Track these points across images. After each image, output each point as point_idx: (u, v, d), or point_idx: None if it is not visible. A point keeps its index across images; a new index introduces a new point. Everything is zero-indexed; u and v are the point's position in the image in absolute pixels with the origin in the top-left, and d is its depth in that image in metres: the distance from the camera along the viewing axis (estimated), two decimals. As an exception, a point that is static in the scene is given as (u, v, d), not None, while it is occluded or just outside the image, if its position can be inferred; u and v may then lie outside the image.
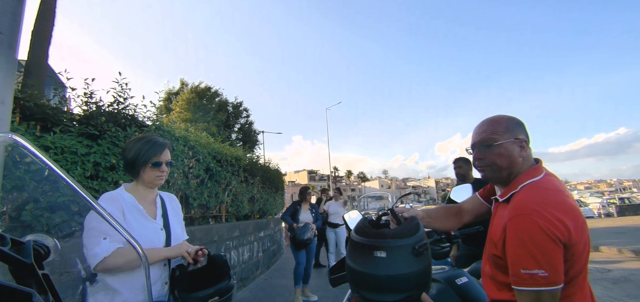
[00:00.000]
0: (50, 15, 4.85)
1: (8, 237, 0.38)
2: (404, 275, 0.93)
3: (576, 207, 0.88)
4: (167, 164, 1.32)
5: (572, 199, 0.91)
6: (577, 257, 0.85)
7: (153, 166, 1.26)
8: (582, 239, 0.86)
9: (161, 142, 1.31)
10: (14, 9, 1.42)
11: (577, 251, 0.85)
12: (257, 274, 5.96)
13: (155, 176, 1.28)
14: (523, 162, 0.99)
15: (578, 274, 0.88)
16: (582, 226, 0.86)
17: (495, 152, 1.00)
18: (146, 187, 1.30)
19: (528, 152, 1.00)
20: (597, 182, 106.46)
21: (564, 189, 0.94)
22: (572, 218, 0.84)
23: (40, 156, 0.46)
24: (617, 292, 4.12)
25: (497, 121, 1.03)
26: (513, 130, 1.00)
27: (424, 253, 0.96)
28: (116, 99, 3.16)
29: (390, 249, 0.95)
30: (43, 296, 0.37)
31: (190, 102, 16.42)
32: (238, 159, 5.65)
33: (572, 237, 0.82)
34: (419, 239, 0.97)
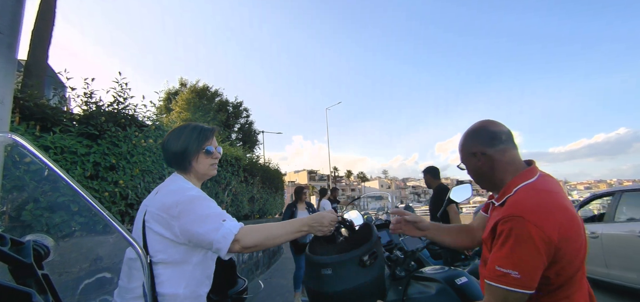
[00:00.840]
0: (50, 15, 4.85)
1: (8, 237, 0.38)
2: (351, 289, 0.92)
3: (570, 208, 0.88)
4: (217, 150, 1.18)
5: (567, 199, 0.91)
6: (572, 257, 0.85)
7: (206, 153, 1.13)
8: (578, 240, 0.86)
9: (209, 127, 1.18)
10: (13, 8, 1.42)
11: (571, 250, 0.84)
12: (257, 274, 5.96)
13: (210, 165, 1.15)
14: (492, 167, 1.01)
15: (576, 272, 0.88)
16: (577, 226, 0.86)
17: (468, 172, 1.08)
18: (199, 180, 1.17)
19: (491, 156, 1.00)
20: (597, 183, 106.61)
21: (559, 189, 0.93)
22: (566, 219, 0.84)
23: (39, 156, 0.46)
24: (618, 291, 4.12)
25: (458, 146, 1.11)
26: (466, 148, 1.06)
27: (373, 263, 0.94)
28: (116, 99, 3.16)
29: (334, 266, 0.94)
30: (43, 296, 0.37)
31: (190, 102, 16.41)
32: (238, 159, 5.66)
33: (564, 237, 0.83)
34: (367, 250, 0.96)
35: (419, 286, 1.34)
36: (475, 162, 1.03)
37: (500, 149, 1.00)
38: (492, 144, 1.00)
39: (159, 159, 3.39)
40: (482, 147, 1.01)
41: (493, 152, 1.00)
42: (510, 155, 1.00)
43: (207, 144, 1.14)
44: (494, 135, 1.01)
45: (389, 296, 1.35)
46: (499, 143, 1.00)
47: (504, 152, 1.00)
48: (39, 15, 4.76)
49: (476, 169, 1.04)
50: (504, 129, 1.03)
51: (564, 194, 0.92)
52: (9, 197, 2.06)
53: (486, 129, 1.03)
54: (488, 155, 1.00)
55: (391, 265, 1.46)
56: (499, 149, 1.00)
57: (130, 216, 2.99)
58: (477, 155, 1.02)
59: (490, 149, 1.00)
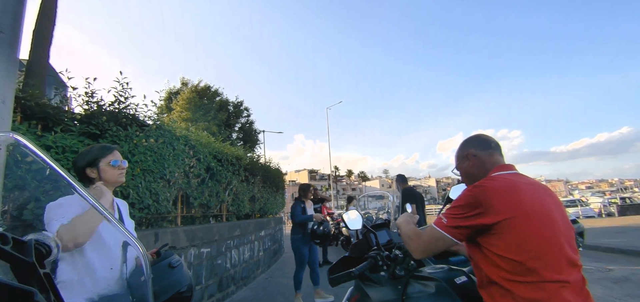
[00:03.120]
0: (51, 15, 4.85)
1: (10, 236, 0.38)
2: None
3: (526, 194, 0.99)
4: (123, 164, 1.45)
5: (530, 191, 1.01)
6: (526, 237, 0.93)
7: (113, 166, 1.40)
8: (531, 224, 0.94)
9: (110, 145, 1.48)
10: (15, 8, 1.42)
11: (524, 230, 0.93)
12: (257, 273, 5.97)
13: (116, 175, 1.40)
14: (479, 168, 1.17)
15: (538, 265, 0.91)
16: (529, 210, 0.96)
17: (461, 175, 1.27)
18: (108, 188, 1.39)
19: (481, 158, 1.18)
20: (599, 182, 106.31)
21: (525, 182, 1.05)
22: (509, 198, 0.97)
23: (41, 155, 0.46)
24: (618, 291, 4.12)
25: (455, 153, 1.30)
26: (461, 152, 1.25)
27: None
28: (117, 99, 3.16)
29: None
30: (44, 295, 0.37)
31: (190, 101, 16.42)
32: (239, 158, 5.66)
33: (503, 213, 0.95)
34: None
35: (419, 285, 1.34)
36: (467, 163, 1.21)
37: (488, 153, 1.18)
38: (483, 148, 1.19)
39: (160, 159, 3.40)
40: (474, 150, 1.20)
41: (482, 155, 1.18)
42: (496, 159, 1.17)
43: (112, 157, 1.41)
44: (485, 141, 1.21)
45: (388, 295, 1.35)
46: (488, 148, 1.19)
47: (491, 155, 1.17)
48: (40, 15, 4.77)
49: (467, 169, 1.22)
50: (494, 140, 1.22)
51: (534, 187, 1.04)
52: (10, 196, 2.07)
53: (479, 136, 1.24)
54: (478, 156, 1.18)
55: (390, 264, 1.46)
56: (487, 152, 1.18)
57: (131, 215, 3.00)
58: (469, 156, 1.20)
59: (480, 152, 1.19)
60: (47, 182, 2.17)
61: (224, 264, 4.53)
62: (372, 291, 1.46)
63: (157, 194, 3.37)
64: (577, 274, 0.96)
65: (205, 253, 3.99)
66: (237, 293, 4.84)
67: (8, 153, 1.76)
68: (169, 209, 3.69)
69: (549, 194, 1.06)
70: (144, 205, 3.19)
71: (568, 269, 0.93)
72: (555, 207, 1.02)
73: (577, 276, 0.95)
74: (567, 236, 0.99)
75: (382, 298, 1.36)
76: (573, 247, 0.99)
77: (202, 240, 3.92)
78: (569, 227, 1.02)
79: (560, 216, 1.01)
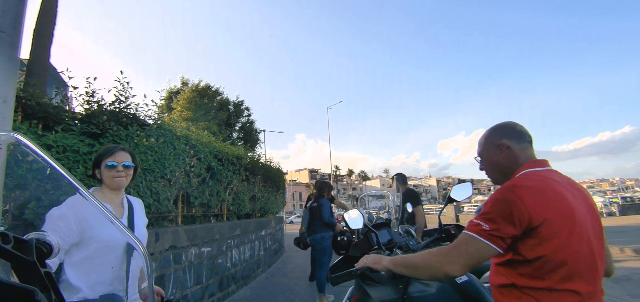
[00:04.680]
0: (51, 14, 4.86)
1: (11, 235, 0.38)
2: None
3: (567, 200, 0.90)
4: (123, 164, 1.38)
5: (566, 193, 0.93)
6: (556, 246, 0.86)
7: (108, 168, 1.35)
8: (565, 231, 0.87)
9: (113, 146, 1.44)
10: (15, 8, 1.42)
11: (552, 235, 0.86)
12: (258, 273, 5.98)
13: (111, 177, 1.35)
14: (511, 161, 1.07)
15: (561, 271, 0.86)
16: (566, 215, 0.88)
17: (484, 164, 1.15)
18: (111, 191, 1.38)
19: (514, 152, 1.06)
20: (600, 181, 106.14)
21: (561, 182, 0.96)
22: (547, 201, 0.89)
23: (42, 154, 0.46)
24: (619, 291, 4.11)
25: (481, 138, 1.17)
26: (491, 139, 1.12)
27: None
28: (118, 98, 3.16)
29: None
30: (45, 294, 0.37)
31: (191, 101, 16.44)
32: (239, 157, 5.66)
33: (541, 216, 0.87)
34: None
35: (420, 284, 1.34)
36: (498, 154, 1.09)
37: (523, 147, 1.06)
38: (518, 140, 1.07)
39: (161, 158, 3.40)
40: (509, 141, 1.07)
41: (517, 149, 1.06)
42: (529, 154, 1.07)
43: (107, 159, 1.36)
44: (521, 134, 1.08)
45: (389, 294, 1.35)
46: (524, 141, 1.07)
47: (525, 150, 1.06)
48: (41, 14, 4.78)
49: (496, 161, 1.09)
50: (528, 132, 1.10)
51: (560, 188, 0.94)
52: (11, 195, 2.08)
53: (514, 126, 1.10)
54: (512, 149, 1.06)
55: None
56: (522, 146, 1.06)
57: (132, 214, 3.00)
58: (502, 147, 1.08)
59: (516, 145, 1.06)
60: (47, 182, 2.18)
61: (225, 263, 4.53)
62: (373, 290, 1.46)
63: (157, 193, 3.38)
64: (600, 283, 0.92)
65: (206, 252, 4.00)
66: (238, 292, 4.85)
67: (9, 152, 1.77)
68: (170, 208, 3.69)
69: (584, 197, 0.99)
70: (145, 204, 3.19)
71: (593, 279, 0.89)
72: (590, 214, 0.95)
73: (599, 287, 0.91)
74: (596, 244, 0.92)
75: (383, 298, 1.36)
76: (601, 255, 0.93)
77: (202, 239, 3.93)
78: (599, 234, 0.96)
79: (592, 222, 0.94)
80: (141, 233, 1.47)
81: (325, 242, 4.04)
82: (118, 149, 1.41)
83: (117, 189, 1.39)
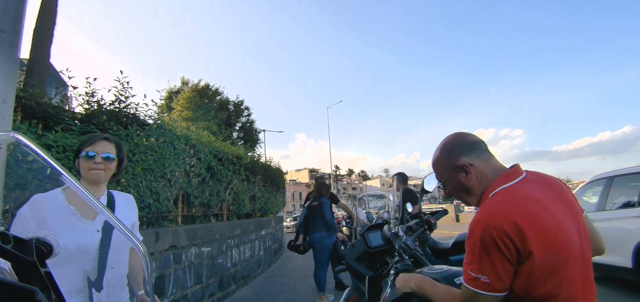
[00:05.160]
0: (51, 14, 4.86)
1: (11, 235, 0.38)
2: None
3: (544, 218, 0.82)
4: (103, 156, 1.22)
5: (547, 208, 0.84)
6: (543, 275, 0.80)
7: (85, 157, 1.20)
8: (553, 256, 0.80)
9: (96, 134, 1.28)
10: (15, 7, 1.42)
11: (540, 265, 0.79)
12: (258, 272, 5.98)
13: (87, 169, 1.20)
14: (481, 180, 0.94)
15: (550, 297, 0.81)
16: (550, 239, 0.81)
17: (450, 190, 1.01)
18: (89, 185, 1.23)
19: (479, 168, 0.94)
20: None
21: (539, 196, 0.86)
22: (531, 227, 0.80)
23: (42, 154, 0.46)
24: (620, 291, 4.12)
25: (434, 163, 1.04)
26: (448, 162, 0.98)
27: None
28: (117, 98, 3.17)
29: None
30: (45, 294, 0.37)
31: (191, 100, 16.45)
32: (239, 157, 5.66)
33: (528, 246, 0.79)
34: None
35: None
36: (464, 176, 0.95)
37: (485, 158, 0.95)
38: (477, 153, 0.95)
39: (161, 158, 3.40)
40: (468, 158, 0.95)
41: (479, 162, 0.94)
42: (494, 164, 0.95)
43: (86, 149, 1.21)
44: (476, 145, 0.96)
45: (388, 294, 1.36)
46: (482, 152, 0.96)
47: (488, 160, 0.95)
48: (41, 14, 4.78)
49: (464, 184, 0.96)
50: (480, 139, 0.98)
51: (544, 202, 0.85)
52: (11, 195, 2.08)
53: (464, 139, 0.98)
54: (476, 167, 0.94)
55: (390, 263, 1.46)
56: (484, 157, 0.95)
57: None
58: (466, 168, 0.94)
59: (476, 159, 0.94)
60: (48, 181, 2.18)
61: (225, 263, 4.54)
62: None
63: (157, 193, 3.38)
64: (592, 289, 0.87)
65: (206, 252, 4.00)
66: (238, 292, 4.85)
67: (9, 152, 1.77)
68: (170, 208, 3.69)
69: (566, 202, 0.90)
70: (145, 204, 3.20)
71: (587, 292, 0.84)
72: (572, 217, 0.87)
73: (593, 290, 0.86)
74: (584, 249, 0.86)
75: None
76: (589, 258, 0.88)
77: (202, 239, 3.93)
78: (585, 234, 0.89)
79: (577, 226, 0.87)
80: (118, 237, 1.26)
81: (325, 242, 4.02)
82: (100, 138, 1.25)
83: (93, 183, 1.23)
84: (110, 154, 1.24)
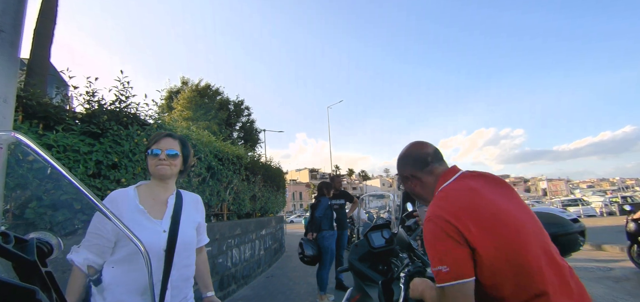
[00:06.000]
0: (51, 14, 4.86)
1: (12, 235, 0.38)
2: None
3: (478, 202, 0.88)
4: (167, 153, 1.25)
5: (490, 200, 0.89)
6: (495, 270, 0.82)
7: (151, 155, 1.24)
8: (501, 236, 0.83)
9: (161, 132, 1.32)
10: (16, 7, 1.42)
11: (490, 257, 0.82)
12: (258, 272, 5.98)
13: (154, 166, 1.23)
14: (425, 188, 1.08)
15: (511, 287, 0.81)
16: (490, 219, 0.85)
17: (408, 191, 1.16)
18: (158, 182, 1.26)
19: (423, 180, 1.08)
20: (600, 181, 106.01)
21: (479, 188, 0.93)
22: (468, 211, 0.86)
23: (43, 154, 0.46)
24: (619, 290, 4.12)
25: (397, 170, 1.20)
26: (400, 172, 1.15)
27: None
28: (118, 98, 3.17)
29: None
30: (46, 293, 0.37)
31: (191, 100, 16.44)
32: (239, 157, 5.66)
33: (473, 236, 0.83)
34: None
35: None
36: (410, 184, 1.12)
37: (428, 170, 1.08)
38: (421, 167, 1.09)
39: (161, 158, 3.40)
40: (413, 170, 1.11)
41: (422, 175, 1.08)
42: (438, 172, 1.07)
43: (152, 147, 1.25)
44: (421, 159, 1.10)
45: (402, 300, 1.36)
46: (426, 165, 1.08)
47: (431, 172, 1.07)
48: (41, 14, 4.78)
49: (414, 191, 1.13)
50: (430, 150, 1.11)
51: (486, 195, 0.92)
52: (12, 195, 2.08)
53: (412, 154, 1.13)
54: (417, 177, 1.10)
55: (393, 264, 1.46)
56: (427, 170, 1.08)
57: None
58: (410, 178, 1.11)
59: (419, 172, 1.09)
60: (48, 181, 2.18)
61: (225, 262, 4.54)
62: (373, 291, 1.46)
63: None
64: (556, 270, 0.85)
65: (206, 252, 4.00)
66: (238, 292, 4.85)
67: (10, 152, 1.77)
68: (170, 208, 3.69)
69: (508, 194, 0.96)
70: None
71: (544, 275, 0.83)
72: (519, 208, 0.92)
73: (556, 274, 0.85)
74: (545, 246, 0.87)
75: None
76: (545, 244, 0.89)
77: (203, 239, 3.93)
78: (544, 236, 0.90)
79: (528, 218, 0.91)
80: (186, 234, 1.26)
81: (327, 241, 4.04)
82: (164, 135, 1.29)
83: (160, 180, 1.25)
84: (174, 151, 1.27)
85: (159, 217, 1.20)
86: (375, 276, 1.65)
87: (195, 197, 1.41)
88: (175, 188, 1.32)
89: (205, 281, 1.41)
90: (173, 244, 1.18)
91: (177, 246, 1.19)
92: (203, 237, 1.42)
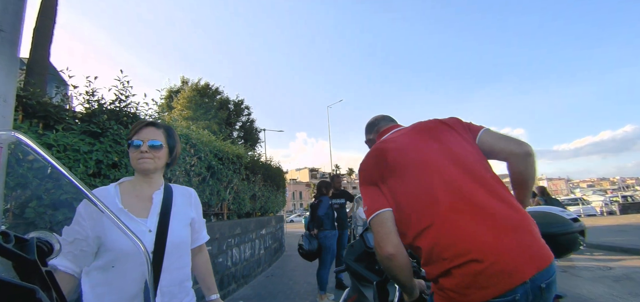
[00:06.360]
0: (51, 13, 4.86)
1: (12, 234, 0.38)
2: None
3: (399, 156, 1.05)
4: (149, 144, 1.10)
5: (404, 147, 1.07)
6: (401, 208, 0.99)
7: (132, 148, 1.10)
8: (402, 190, 1.00)
9: (141, 121, 1.17)
10: (15, 6, 1.42)
11: (397, 197, 1.00)
12: (258, 272, 5.99)
13: (136, 159, 1.10)
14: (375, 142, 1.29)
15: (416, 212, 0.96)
16: (400, 172, 1.03)
17: None
18: (142, 177, 1.13)
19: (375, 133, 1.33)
20: (600, 180, 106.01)
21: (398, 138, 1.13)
22: (380, 165, 1.06)
23: (43, 153, 0.46)
24: (619, 290, 4.11)
25: None
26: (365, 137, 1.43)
27: None
28: (118, 97, 3.17)
29: None
30: (46, 293, 0.37)
31: (191, 100, 16.44)
32: (239, 157, 5.66)
33: (383, 180, 1.05)
34: None
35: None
36: (369, 146, 1.35)
37: (376, 130, 1.33)
38: (371, 129, 1.37)
39: (161, 157, 3.40)
40: (368, 135, 1.40)
41: (374, 136, 1.34)
42: (381, 130, 1.30)
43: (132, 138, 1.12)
44: (372, 123, 1.37)
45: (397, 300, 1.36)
46: (372, 130, 1.35)
47: (377, 131, 1.32)
48: (40, 13, 4.77)
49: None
50: (381, 116, 1.37)
51: (396, 137, 1.14)
52: (12, 194, 2.08)
53: (368, 122, 1.41)
54: (371, 139, 1.36)
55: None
56: (374, 130, 1.34)
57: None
58: (367, 142, 1.40)
59: (371, 134, 1.36)
60: (48, 181, 2.18)
61: (225, 262, 4.54)
62: (369, 291, 1.46)
63: (158, 192, 3.38)
64: (460, 196, 0.92)
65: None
66: (238, 291, 4.86)
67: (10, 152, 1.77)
68: (170, 207, 3.69)
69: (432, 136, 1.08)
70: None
71: (436, 206, 0.92)
72: (435, 147, 1.04)
73: (461, 199, 0.92)
74: (442, 170, 0.98)
75: None
76: (456, 174, 0.96)
77: (203, 238, 3.93)
78: (450, 158, 1.00)
79: (434, 154, 1.03)
80: (176, 233, 1.11)
81: (328, 241, 4.03)
82: (145, 124, 1.14)
83: (143, 174, 1.12)
84: (157, 141, 1.12)
85: (143, 216, 1.07)
86: (371, 276, 1.65)
87: (187, 190, 1.27)
88: (163, 182, 1.19)
89: (207, 282, 1.28)
90: (162, 244, 1.05)
91: (167, 246, 1.05)
92: (201, 234, 1.28)
